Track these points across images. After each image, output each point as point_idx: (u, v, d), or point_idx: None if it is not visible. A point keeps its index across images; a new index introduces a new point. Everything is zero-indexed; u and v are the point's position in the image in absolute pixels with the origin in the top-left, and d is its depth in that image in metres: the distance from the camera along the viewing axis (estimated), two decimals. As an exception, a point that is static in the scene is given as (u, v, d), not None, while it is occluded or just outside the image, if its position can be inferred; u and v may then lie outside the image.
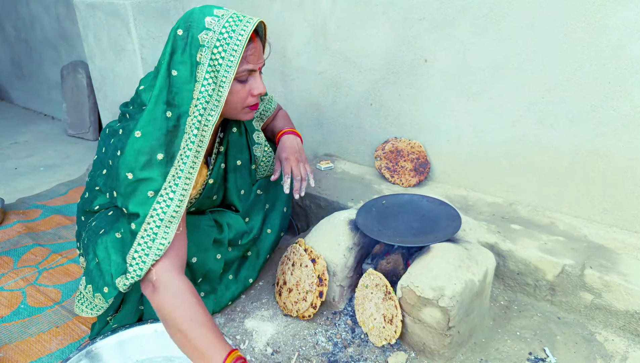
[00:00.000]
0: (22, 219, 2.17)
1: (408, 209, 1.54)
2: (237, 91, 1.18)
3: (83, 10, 2.47)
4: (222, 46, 1.09)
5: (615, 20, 1.37)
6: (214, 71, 1.11)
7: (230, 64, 1.10)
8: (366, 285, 1.35)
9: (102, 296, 1.24)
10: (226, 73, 1.11)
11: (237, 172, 1.44)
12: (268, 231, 1.63)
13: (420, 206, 1.55)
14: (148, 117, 1.11)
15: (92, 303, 1.28)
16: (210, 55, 1.09)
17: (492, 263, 1.34)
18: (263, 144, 1.52)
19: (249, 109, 1.24)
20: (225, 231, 1.44)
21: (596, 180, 1.56)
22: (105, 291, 1.23)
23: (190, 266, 1.36)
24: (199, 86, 1.11)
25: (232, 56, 1.10)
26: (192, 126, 1.12)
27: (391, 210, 1.51)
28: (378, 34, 1.86)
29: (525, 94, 1.60)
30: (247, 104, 1.22)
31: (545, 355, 1.28)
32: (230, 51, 1.10)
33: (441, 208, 1.52)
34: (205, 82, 1.11)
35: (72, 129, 3.40)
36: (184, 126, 1.12)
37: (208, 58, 1.10)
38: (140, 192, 1.11)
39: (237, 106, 1.21)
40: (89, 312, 1.30)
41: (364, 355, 1.30)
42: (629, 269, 1.36)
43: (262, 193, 1.60)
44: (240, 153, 1.43)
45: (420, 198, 1.58)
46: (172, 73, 1.12)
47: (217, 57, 1.10)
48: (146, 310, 1.37)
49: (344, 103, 2.09)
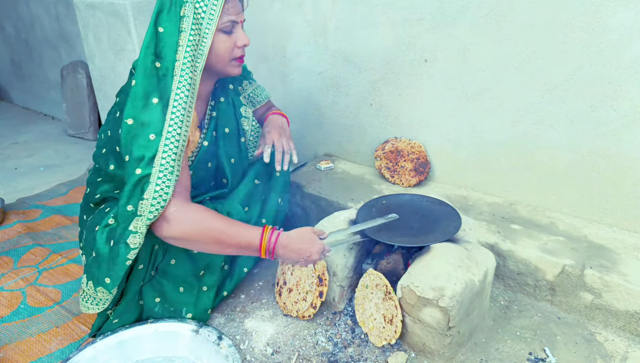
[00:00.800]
0: (22, 219, 2.17)
1: (408, 209, 1.54)
2: (223, 41, 1.28)
3: (83, 10, 2.47)
4: (203, 0, 1.20)
5: (615, 20, 1.37)
6: (198, 23, 1.21)
7: (212, 16, 1.21)
8: (366, 285, 1.35)
9: (105, 287, 1.24)
10: (208, 25, 1.22)
11: (226, 139, 1.50)
12: (263, 221, 1.63)
13: (420, 206, 1.55)
14: (140, 70, 1.20)
15: (95, 298, 1.28)
16: (193, 9, 1.19)
17: (492, 263, 1.34)
18: (250, 118, 1.57)
19: (236, 62, 1.34)
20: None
21: (596, 180, 1.56)
22: (108, 282, 1.23)
23: (193, 258, 1.37)
24: (185, 35, 1.20)
25: (213, 8, 1.21)
26: (183, 69, 1.20)
27: (391, 210, 1.51)
28: (378, 34, 1.86)
29: (525, 94, 1.60)
30: (234, 56, 1.32)
31: (545, 355, 1.28)
32: (211, 4, 1.21)
33: (441, 208, 1.52)
34: (192, 32, 1.20)
35: (72, 129, 3.40)
36: (172, 71, 1.20)
37: (192, 12, 1.20)
38: (143, 136, 1.17)
39: (225, 57, 1.31)
40: (95, 308, 1.30)
41: (364, 355, 1.30)
42: (629, 269, 1.36)
43: (260, 183, 1.62)
44: (228, 122, 1.50)
45: (420, 198, 1.58)
46: (159, 30, 1.20)
47: (200, 11, 1.20)
48: (146, 305, 1.37)
49: (344, 103, 2.09)
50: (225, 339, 1.30)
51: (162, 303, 1.37)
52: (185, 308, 1.39)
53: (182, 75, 1.19)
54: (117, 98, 1.35)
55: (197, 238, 1.21)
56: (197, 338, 1.33)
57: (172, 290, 1.36)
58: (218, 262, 1.42)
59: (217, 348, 1.28)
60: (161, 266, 1.35)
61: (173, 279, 1.36)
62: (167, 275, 1.36)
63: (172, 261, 1.35)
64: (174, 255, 1.35)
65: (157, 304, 1.37)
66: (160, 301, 1.37)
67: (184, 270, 1.37)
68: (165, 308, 1.38)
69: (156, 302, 1.37)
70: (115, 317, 1.35)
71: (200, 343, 1.32)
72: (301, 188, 1.92)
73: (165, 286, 1.36)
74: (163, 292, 1.36)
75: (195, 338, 1.33)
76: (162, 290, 1.36)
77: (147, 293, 1.35)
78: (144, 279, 1.34)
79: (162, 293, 1.36)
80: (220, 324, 1.44)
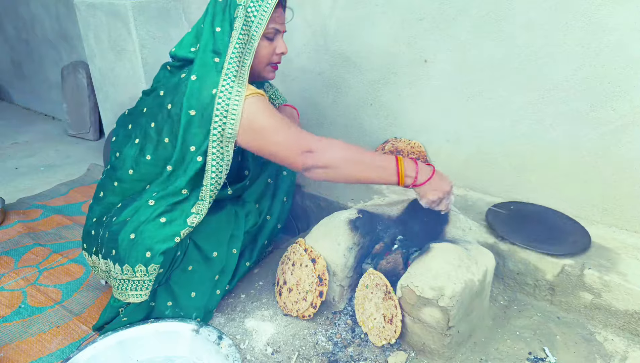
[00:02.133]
0: (22, 219, 2.17)
1: (535, 219, 1.61)
2: (265, 46, 1.34)
3: (83, 11, 2.48)
4: (255, 6, 1.26)
5: (615, 20, 1.37)
6: (248, 25, 1.27)
7: (261, 21, 1.27)
8: (366, 284, 1.35)
9: (144, 264, 1.26)
10: (257, 28, 1.27)
11: None
12: (268, 218, 1.68)
13: (546, 217, 1.62)
14: (200, 63, 1.26)
15: (134, 283, 1.30)
16: (245, 12, 1.26)
17: (492, 263, 1.35)
18: None
19: (271, 68, 1.42)
20: (242, 223, 1.52)
21: (596, 180, 1.56)
22: (148, 256, 1.26)
23: (211, 261, 1.42)
24: (236, 33, 1.26)
25: (263, 15, 1.27)
26: (230, 63, 1.25)
27: (519, 216, 1.61)
28: (378, 34, 1.86)
29: (525, 94, 1.60)
30: (271, 61, 1.39)
31: (544, 355, 1.28)
32: (262, 10, 1.27)
33: (569, 223, 1.58)
34: (242, 31, 1.26)
35: (73, 129, 3.40)
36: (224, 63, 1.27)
37: (244, 14, 1.26)
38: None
39: (263, 61, 1.37)
40: (137, 295, 1.32)
41: (364, 354, 1.31)
42: (629, 269, 1.36)
43: (272, 182, 1.68)
44: None
45: (547, 210, 1.65)
46: (216, 30, 1.28)
47: (251, 15, 1.26)
48: (157, 307, 1.38)
49: (344, 103, 2.09)
50: (225, 339, 1.30)
51: (174, 307, 1.39)
52: (196, 312, 1.40)
53: (229, 68, 1.24)
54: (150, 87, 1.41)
55: (342, 162, 1.30)
56: (197, 337, 1.33)
57: (185, 296, 1.39)
58: (232, 263, 1.47)
59: (217, 347, 1.28)
60: (177, 272, 1.38)
61: (187, 285, 1.39)
62: (181, 280, 1.38)
63: (190, 267, 1.39)
64: (191, 261, 1.39)
65: (168, 307, 1.39)
66: (172, 305, 1.39)
67: (200, 276, 1.41)
68: (176, 312, 1.39)
69: (168, 306, 1.39)
70: (125, 315, 1.36)
71: (200, 343, 1.32)
72: (301, 188, 1.93)
73: (177, 291, 1.38)
74: (175, 296, 1.38)
75: (196, 338, 1.33)
76: (174, 294, 1.38)
77: (160, 296, 1.37)
78: (160, 282, 1.36)
79: (174, 297, 1.38)
80: (220, 324, 1.44)
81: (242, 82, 1.26)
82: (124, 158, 1.40)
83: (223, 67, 1.24)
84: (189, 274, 1.39)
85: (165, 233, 1.28)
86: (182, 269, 1.38)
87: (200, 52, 1.27)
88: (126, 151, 1.39)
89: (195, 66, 1.26)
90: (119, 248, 1.28)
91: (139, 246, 1.26)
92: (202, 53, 1.26)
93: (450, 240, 1.42)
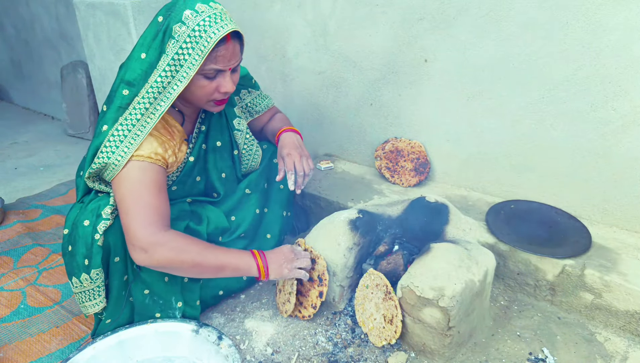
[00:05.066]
0: (22, 219, 2.17)
1: (536, 218, 1.60)
2: (202, 85, 1.22)
3: (83, 10, 2.47)
4: (191, 43, 1.14)
5: (615, 20, 1.37)
6: (176, 65, 1.16)
7: (195, 62, 1.15)
8: (367, 285, 1.35)
9: (85, 271, 1.24)
10: (187, 70, 1.16)
11: (216, 153, 1.47)
12: (268, 237, 1.63)
13: (548, 216, 1.61)
14: (110, 95, 1.22)
15: (87, 294, 1.29)
16: (177, 49, 1.14)
17: (492, 263, 1.34)
18: (244, 132, 1.53)
19: (214, 103, 1.29)
20: (204, 223, 1.44)
21: (596, 180, 1.56)
22: (86, 264, 1.24)
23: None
24: (157, 73, 1.17)
25: (198, 55, 1.15)
26: (137, 108, 1.19)
27: (519, 215, 1.60)
28: (378, 34, 1.86)
29: (525, 94, 1.60)
30: (212, 98, 1.27)
31: (545, 355, 1.28)
32: (198, 50, 1.14)
33: (569, 222, 1.57)
34: (164, 73, 1.17)
35: (72, 129, 3.40)
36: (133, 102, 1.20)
37: (174, 51, 1.15)
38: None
39: (202, 99, 1.26)
40: (91, 307, 1.31)
41: (364, 355, 1.30)
42: (629, 269, 1.36)
43: (252, 193, 1.58)
44: (220, 134, 1.46)
45: (549, 208, 1.64)
46: (141, 56, 1.18)
47: (184, 53, 1.15)
48: (136, 300, 1.35)
49: (344, 103, 2.09)
50: (225, 339, 1.30)
51: (151, 295, 1.35)
52: (174, 297, 1.37)
53: (132, 112, 1.19)
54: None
55: (177, 265, 1.21)
56: (197, 338, 1.33)
57: (158, 281, 1.34)
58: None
59: (217, 348, 1.28)
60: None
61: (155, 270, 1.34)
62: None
63: None
64: None
65: (146, 296, 1.35)
66: (149, 293, 1.35)
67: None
68: (155, 301, 1.36)
69: (145, 294, 1.35)
70: (107, 317, 1.34)
71: (200, 343, 1.32)
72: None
73: (150, 278, 1.33)
74: (149, 284, 1.34)
75: (195, 338, 1.33)
76: (147, 282, 1.34)
77: (135, 288, 1.34)
78: (127, 274, 1.33)
79: (148, 285, 1.34)
80: (220, 324, 1.44)
81: (140, 134, 1.20)
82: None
83: (127, 108, 1.19)
84: None
85: (89, 215, 1.25)
86: None
87: (117, 78, 1.22)
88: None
89: (107, 98, 1.23)
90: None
91: (76, 255, 1.26)
92: (118, 83, 1.21)
93: (451, 240, 1.42)
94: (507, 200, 1.71)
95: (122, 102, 1.19)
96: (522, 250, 1.45)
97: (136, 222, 1.17)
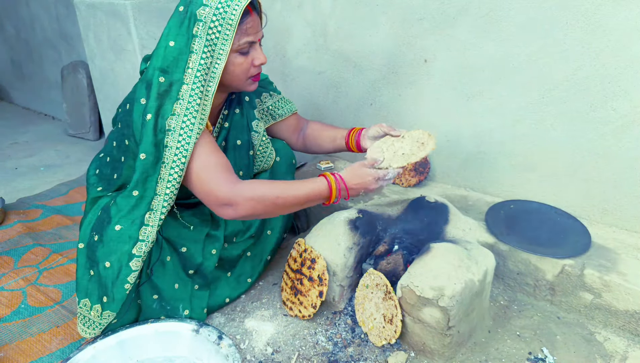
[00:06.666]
0: (22, 219, 2.17)
1: (535, 218, 1.60)
2: (239, 63, 1.26)
3: (83, 11, 2.48)
4: (218, 21, 1.17)
5: (615, 20, 1.37)
6: (211, 45, 1.19)
7: (227, 37, 1.18)
8: (367, 284, 1.35)
9: (99, 302, 1.26)
10: (223, 46, 1.19)
11: (236, 151, 1.50)
12: (268, 233, 1.64)
13: (548, 215, 1.61)
14: (142, 83, 1.22)
15: (88, 321, 1.31)
16: (207, 29, 1.17)
17: (492, 263, 1.35)
18: (261, 134, 1.55)
19: (251, 80, 1.33)
20: (222, 227, 1.47)
21: (596, 180, 1.56)
22: (105, 301, 1.26)
23: (181, 256, 1.40)
24: (196, 57, 1.18)
25: (228, 30, 1.18)
26: (191, 95, 1.19)
27: (519, 215, 1.59)
28: (378, 34, 1.86)
29: (525, 94, 1.60)
30: (250, 75, 1.31)
31: (544, 355, 1.28)
32: (226, 25, 1.17)
33: (569, 221, 1.56)
34: (203, 55, 1.19)
35: (73, 129, 3.40)
36: (176, 93, 1.19)
37: (205, 32, 1.17)
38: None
39: (241, 77, 1.29)
40: (85, 332, 1.33)
41: (364, 355, 1.31)
42: (629, 269, 1.36)
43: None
44: (241, 134, 1.49)
45: (548, 208, 1.64)
46: (170, 44, 1.20)
47: (214, 31, 1.17)
48: (144, 303, 1.37)
49: (344, 103, 2.09)
50: (225, 339, 1.30)
51: (160, 300, 1.38)
52: (182, 305, 1.39)
53: (190, 101, 1.18)
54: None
55: (265, 210, 1.25)
56: (197, 338, 1.33)
57: (168, 287, 1.37)
58: (209, 266, 1.44)
59: (217, 347, 1.28)
60: (157, 265, 1.36)
61: (168, 275, 1.37)
62: (162, 271, 1.37)
63: (168, 257, 1.38)
64: (169, 252, 1.38)
65: (154, 301, 1.37)
66: (157, 298, 1.37)
67: (178, 267, 1.39)
68: (162, 306, 1.38)
69: (154, 299, 1.37)
70: (115, 317, 1.34)
71: (200, 343, 1.32)
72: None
73: (161, 283, 1.36)
74: (159, 289, 1.37)
75: (196, 338, 1.33)
76: (158, 287, 1.37)
77: (145, 292, 1.36)
78: (140, 278, 1.34)
79: (158, 290, 1.37)
80: (220, 324, 1.44)
81: (204, 117, 1.22)
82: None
83: (176, 98, 1.18)
84: (169, 263, 1.38)
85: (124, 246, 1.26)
86: (161, 261, 1.36)
87: (150, 67, 1.22)
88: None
89: (137, 88, 1.23)
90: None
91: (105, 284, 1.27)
92: (152, 70, 1.21)
93: (451, 239, 1.42)
94: (507, 200, 1.72)
95: (160, 88, 1.20)
96: (521, 249, 1.45)
97: (214, 185, 1.21)
